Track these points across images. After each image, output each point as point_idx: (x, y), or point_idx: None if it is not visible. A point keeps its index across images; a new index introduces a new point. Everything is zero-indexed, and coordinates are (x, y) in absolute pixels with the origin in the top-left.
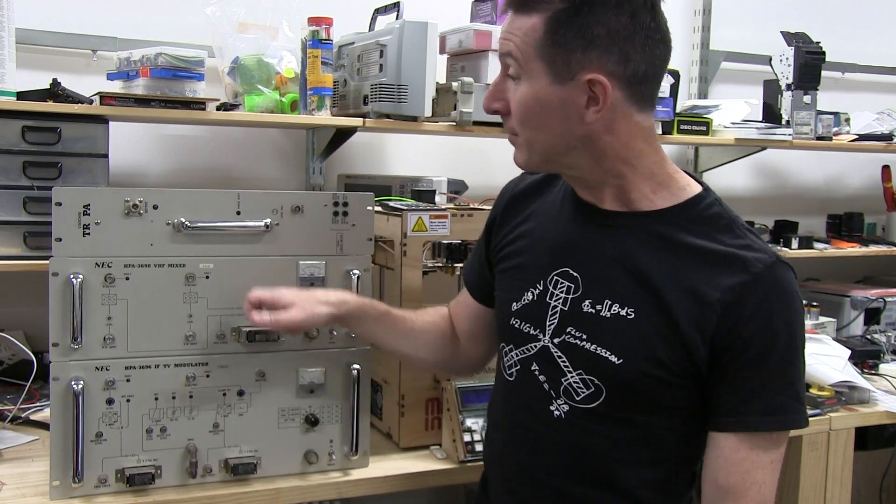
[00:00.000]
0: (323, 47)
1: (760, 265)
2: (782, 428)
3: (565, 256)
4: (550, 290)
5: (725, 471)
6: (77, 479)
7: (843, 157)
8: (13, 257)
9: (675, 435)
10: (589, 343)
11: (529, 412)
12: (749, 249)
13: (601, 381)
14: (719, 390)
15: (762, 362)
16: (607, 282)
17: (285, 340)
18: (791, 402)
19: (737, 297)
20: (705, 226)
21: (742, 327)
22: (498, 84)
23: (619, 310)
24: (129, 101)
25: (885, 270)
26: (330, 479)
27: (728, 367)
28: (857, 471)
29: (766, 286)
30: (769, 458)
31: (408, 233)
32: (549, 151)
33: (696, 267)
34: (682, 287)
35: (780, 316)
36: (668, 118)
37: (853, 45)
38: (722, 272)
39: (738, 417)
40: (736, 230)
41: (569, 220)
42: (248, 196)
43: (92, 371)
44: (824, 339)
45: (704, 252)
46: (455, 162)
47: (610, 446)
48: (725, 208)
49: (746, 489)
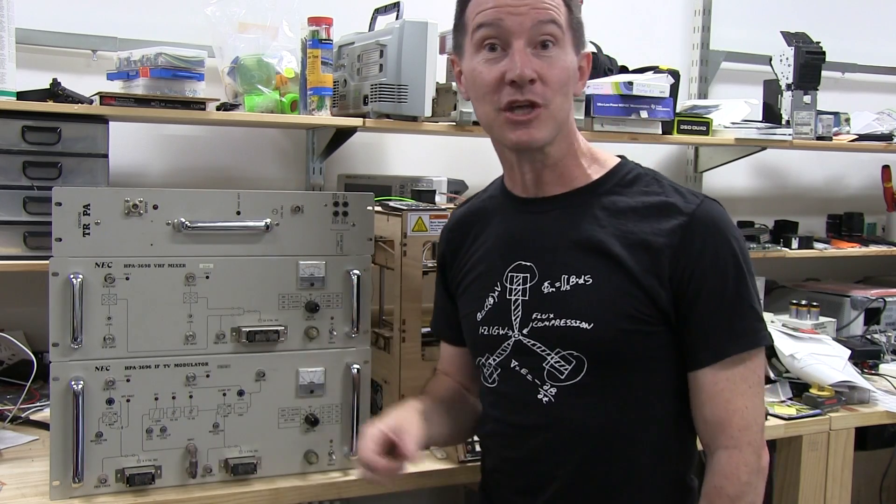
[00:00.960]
0: (323, 47)
1: (692, 205)
2: (752, 346)
3: (515, 252)
4: (508, 286)
5: (709, 405)
6: (77, 479)
7: (843, 157)
8: (13, 257)
9: (662, 393)
10: (558, 319)
11: (519, 408)
12: (677, 195)
13: (579, 351)
14: (689, 331)
15: (719, 294)
16: (560, 259)
17: (285, 340)
18: (754, 322)
19: (680, 238)
20: (635, 186)
21: (693, 264)
22: (529, 56)
23: (576, 280)
24: (129, 101)
25: (885, 270)
26: (330, 479)
27: (692, 307)
28: (857, 471)
29: (704, 222)
30: (746, 383)
31: (408, 233)
32: (562, 122)
33: (637, 222)
34: (629, 243)
35: (723, 246)
36: (668, 118)
37: (853, 45)
38: (660, 220)
39: (708, 351)
40: (661, 181)
41: (507, 220)
42: (248, 196)
43: (92, 371)
44: (824, 339)
45: (641, 207)
46: (455, 162)
47: (603, 417)
48: (645, 168)
49: (729, 417)
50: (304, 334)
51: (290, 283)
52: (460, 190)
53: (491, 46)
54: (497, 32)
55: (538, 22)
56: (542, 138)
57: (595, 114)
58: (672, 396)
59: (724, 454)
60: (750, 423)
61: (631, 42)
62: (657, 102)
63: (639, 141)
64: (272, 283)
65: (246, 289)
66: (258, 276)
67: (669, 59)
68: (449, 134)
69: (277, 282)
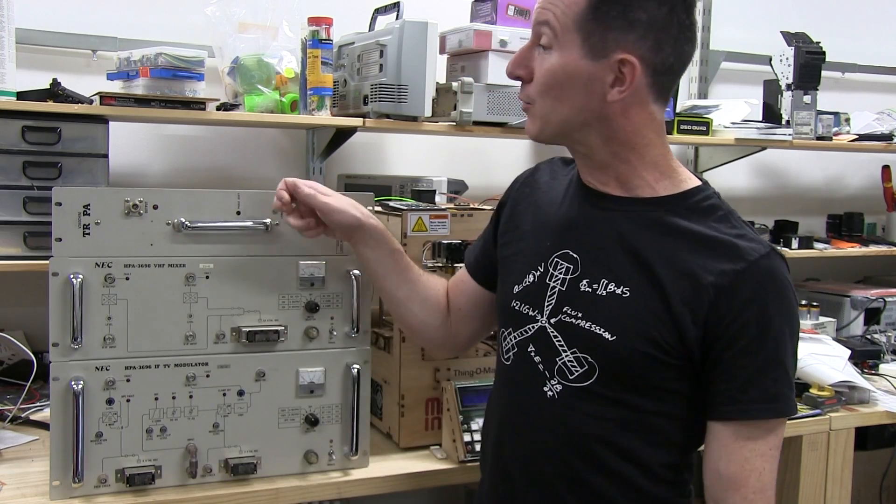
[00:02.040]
0: (323, 47)
1: (755, 254)
2: (779, 415)
3: (566, 238)
4: (550, 271)
5: (725, 460)
6: (77, 479)
7: (843, 157)
8: (13, 257)
9: (669, 421)
10: (584, 321)
11: (524, 394)
12: (744, 239)
13: (594, 358)
14: (716, 378)
15: (758, 350)
16: (605, 262)
17: (285, 340)
18: (786, 389)
19: (730, 282)
20: (702, 215)
21: (736, 314)
22: (525, 52)
23: (614, 288)
24: (129, 101)
25: (885, 270)
26: (330, 479)
27: (723, 355)
28: (857, 471)
29: (761, 274)
30: (767, 445)
31: (408, 233)
32: (564, 125)
33: (691, 251)
34: (676, 269)
35: (774, 304)
36: (668, 118)
37: (853, 45)
38: (716, 258)
39: (736, 406)
40: (732, 221)
41: (571, 205)
42: (248, 196)
43: (92, 371)
44: (824, 339)
45: (700, 238)
46: (455, 162)
47: (603, 428)
48: (723, 201)
49: (746, 477)
50: (304, 334)
51: (290, 283)
52: (460, 190)
53: None
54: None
55: (536, 22)
56: (535, 133)
57: None
58: (681, 429)
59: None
60: (766, 487)
61: None
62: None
63: None
64: (272, 283)
65: (246, 289)
66: (258, 276)
67: None
68: (449, 134)
69: (277, 282)
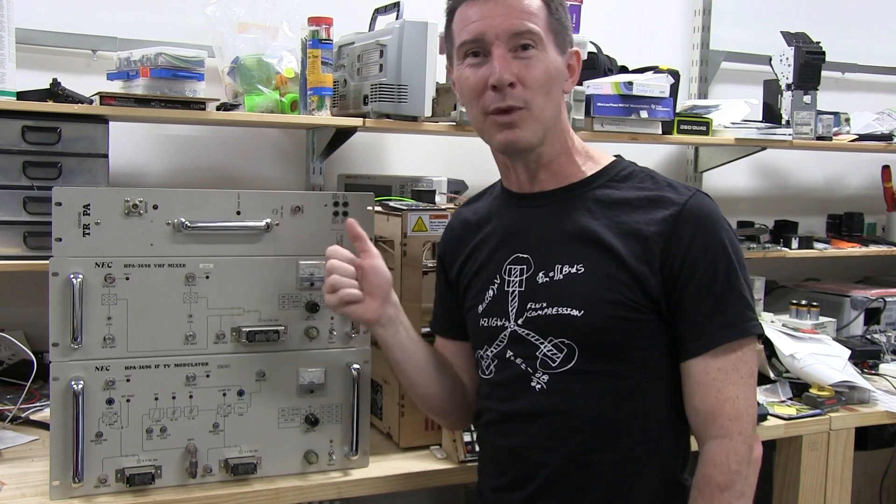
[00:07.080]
0: (323, 47)
1: (683, 198)
2: (743, 335)
3: (513, 244)
4: (506, 278)
5: (700, 395)
6: (77, 479)
7: (843, 157)
8: (13, 257)
9: (655, 384)
10: (550, 308)
11: (513, 396)
12: (671, 189)
13: (570, 338)
14: (681, 319)
15: (711, 282)
16: (555, 251)
17: (285, 340)
18: (745, 311)
19: (671, 227)
20: (629, 181)
21: (685, 253)
22: (509, 60)
23: (569, 269)
24: (129, 101)
25: (885, 270)
26: (330, 479)
27: (683, 295)
28: (857, 471)
29: (695, 213)
30: (738, 374)
31: (408, 233)
32: (548, 121)
33: (630, 213)
34: (621, 231)
35: (714, 235)
36: (668, 118)
37: (853, 45)
38: (653, 211)
39: (702, 339)
40: (655, 178)
41: (507, 215)
42: (248, 196)
43: (92, 371)
44: (824, 339)
45: (634, 199)
46: (455, 162)
47: (594, 406)
48: (640, 167)
49: (720, 406)
50: (304, 334)
51: (290, 283)
52: (460, 190)
53: (474, 53)
54: (480, 41)
55: (514, 31)
56: (527, 138)
57: (595, 114)
58: (665, 388)
59: (714, 444)
60: (741, 413)
61: (631, 42)
62: (657, 102)
63: (639, 141)
64: (272, 283)
65: (246, 289)
66: (258, 276)
67: (669, 59)
68: (449, 134)
69: (277, 282)
